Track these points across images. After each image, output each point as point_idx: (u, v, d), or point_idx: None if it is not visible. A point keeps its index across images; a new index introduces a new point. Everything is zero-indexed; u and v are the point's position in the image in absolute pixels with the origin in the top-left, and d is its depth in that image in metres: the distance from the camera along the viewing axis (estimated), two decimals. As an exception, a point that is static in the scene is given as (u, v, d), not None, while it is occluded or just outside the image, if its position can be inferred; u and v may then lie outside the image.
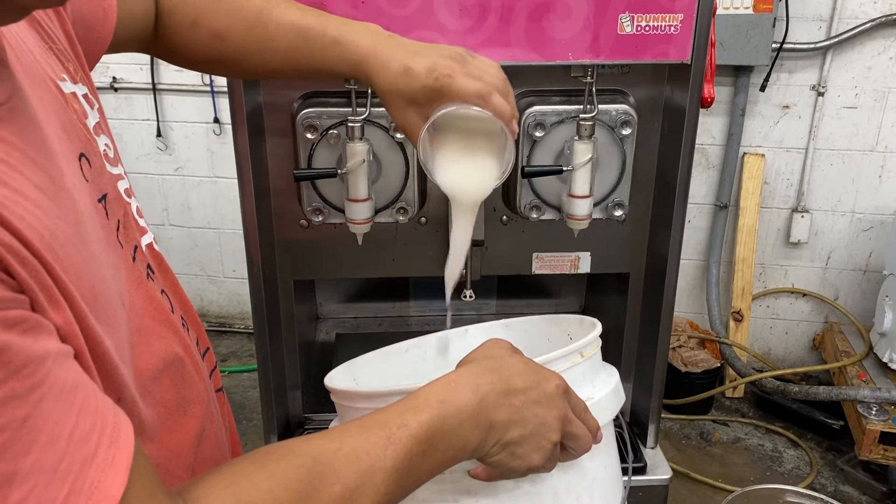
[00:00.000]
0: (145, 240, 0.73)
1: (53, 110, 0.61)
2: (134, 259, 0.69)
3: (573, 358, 0.83)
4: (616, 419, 1.61)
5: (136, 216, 0.73)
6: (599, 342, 0.89)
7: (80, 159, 0.62)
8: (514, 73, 1.26)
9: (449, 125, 0.90)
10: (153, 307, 0.69)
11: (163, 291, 0.73)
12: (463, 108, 0.85)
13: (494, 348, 0.77)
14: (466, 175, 0.91)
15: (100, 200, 0.64)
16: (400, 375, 1.01)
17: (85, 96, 0.68)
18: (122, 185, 0.71)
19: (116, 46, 0.82)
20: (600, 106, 1.25)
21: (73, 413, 0.47)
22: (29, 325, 0.47)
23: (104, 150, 0.68)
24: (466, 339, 1.04)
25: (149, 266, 0.72)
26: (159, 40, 0.90)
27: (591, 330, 0.88)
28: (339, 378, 0.96)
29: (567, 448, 0.76)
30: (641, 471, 1.45)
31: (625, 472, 0.96)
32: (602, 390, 0.85)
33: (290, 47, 0.89)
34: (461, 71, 0.85)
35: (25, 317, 0.47)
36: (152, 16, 0.88)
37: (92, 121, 0.67)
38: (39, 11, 0.66)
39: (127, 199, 0.71)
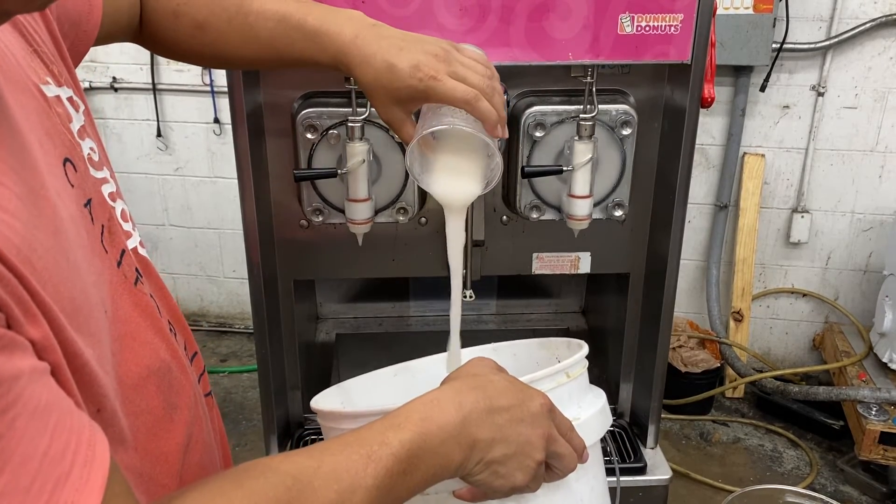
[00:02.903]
0: (131, 243, 0.72)
1: (36, 116, 0.59)
2: (119, 264, 0.67)
3: (559, 378, 0.82)
4: (615, 421, 1.61)
5: (121, 220, 0.71)
6: (586, 363, 0.88)
7: (64, 164, 0.60)
8: (514, 73, 1.27)
9: (437, 135, 0.89)
10: (139, 312, 0.68)
11: (150, 296, 0.72)
12: (450, 128, 0.84)
13: (478, 366, 0.76)
14: (455, 182, 0.90)
15: (85, 205, 0.63)
16: (388, 399, 1.00)
17: (70, 99, 0.67)
18: (106, 189, 0.69)
19: (103, 39, 0.81)
20: (600, 106, 1.25)
21: (47, 432, 0.46)
22: (3, 344, 0.46)
23: (88, 155, 0.67)
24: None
25: (137, 270, 0.71)
26: (144, 31, 0.90)
27: (578, 351, 0.88)
28: (326, 401, 0.95)
29: (552, 468, 0.75)
30: (641, 471, 1.45)
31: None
32: (588, 411, 0.84)
33: (270, 36, 0.87)
34: (446, 71, 0.83)
35: (0, 335, 0.46)
36: (137, 7, 0.88)
37: (76, 124, 0.66)
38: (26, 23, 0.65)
39: (111, 204, 0.70)
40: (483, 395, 0.70)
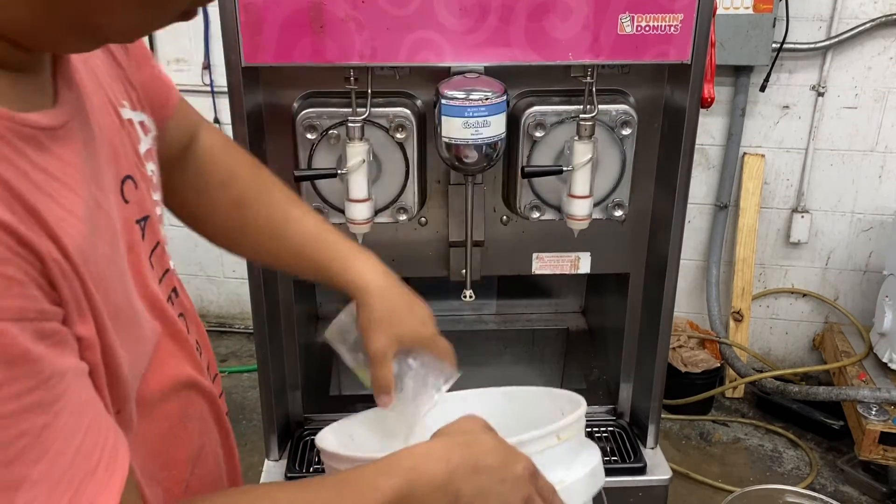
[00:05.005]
0: (171, 264, 0.77)
1: (108, 133, 0.64)
2: (161, 281, 0.72)
3: (548, 440, 0.83)
4: (615, 421, 1.61)
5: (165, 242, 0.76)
6: (583, 421, 0.89)
7: (124, 181, 0.65)
8: (514, 73, 1.27)
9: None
10: (169, 329, 0.72)
11: (181, 315, 0.76)
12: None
13: (469, 423, 0.79)
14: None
15: (138, 221, 0.67)
16: (395, 434, 1.01)
17: (141, 123, 0.72)
18: (158, 211, 0.74)
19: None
20: (600, 106, 1.26)
21: (82, 429, 0.49)
22: (58, 339, 0.49)
23: (151, 176, 0.72)
24: (466, 404, 1.02)
25: (174, 290, 0.75)
26: (182, 191, 0.92)
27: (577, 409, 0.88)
28: (333, 434, 0.96)
29: None
30: (641, 471, 1.45)
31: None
32: (576, 473, 0.85)
33: (299, 243, 0.94)
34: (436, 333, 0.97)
35: (57, 330, 0.49)
36: (180, 156, 0.91)
37: (144, 147, 0.72)
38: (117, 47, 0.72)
39: (160, 225, 0.75)
40: (470, 453, 0.73)
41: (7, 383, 0.45)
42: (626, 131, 1.29)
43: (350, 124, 1.21)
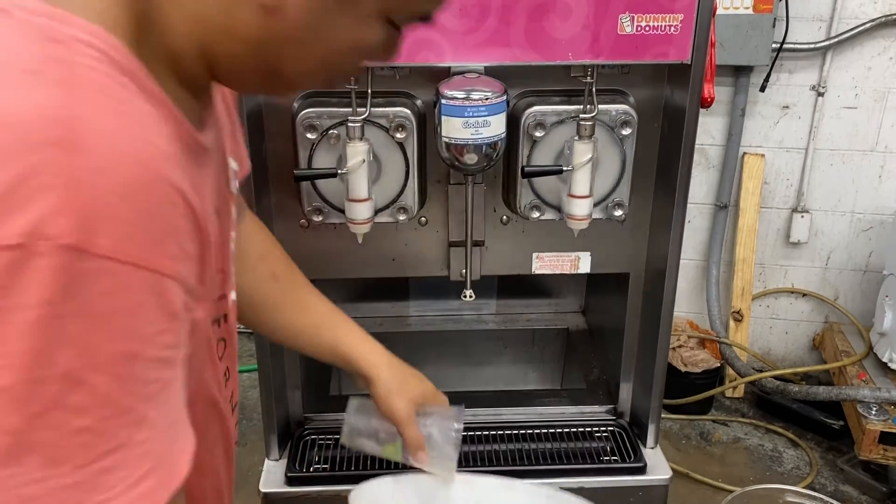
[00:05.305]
0: (232, 295, 0.80)
1: (220, 166, 0.73)
2: (216, 301, 0.75)
3: None
4: (615, 421, 1.61)
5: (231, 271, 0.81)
6: None
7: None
8: (514, 73, 1.27)
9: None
10: (205, 345, 0.74)
11: (222, 339, 0.78)
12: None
13: None
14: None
15: None
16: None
17: (235, 171, 0.80)
18: (232, 247, 0.79)
19: None
20: (600, 106, 1.25)
21: (179, 396, 0.55)
22: (189, 317, 0.55)
23: (232, 213, 0.78)
24: (510, 494, 1.07)
25: (224, 315, 0.78)
26: None
27: None
28: (371, 490, 0.99)
29: None
30: (641, 471, 1.45)
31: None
32: None
33: (318, 320, 1.07)
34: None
35: (193, 308, 0.56)
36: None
37: (233, 188, 0.79)
38: (228, 97, 0.80)
39: (231, 261, 0.79)
40: None
41: (164, 332, 0.51)
42: (626, 131, 1.29)
43: (350, 124, 1.21)
